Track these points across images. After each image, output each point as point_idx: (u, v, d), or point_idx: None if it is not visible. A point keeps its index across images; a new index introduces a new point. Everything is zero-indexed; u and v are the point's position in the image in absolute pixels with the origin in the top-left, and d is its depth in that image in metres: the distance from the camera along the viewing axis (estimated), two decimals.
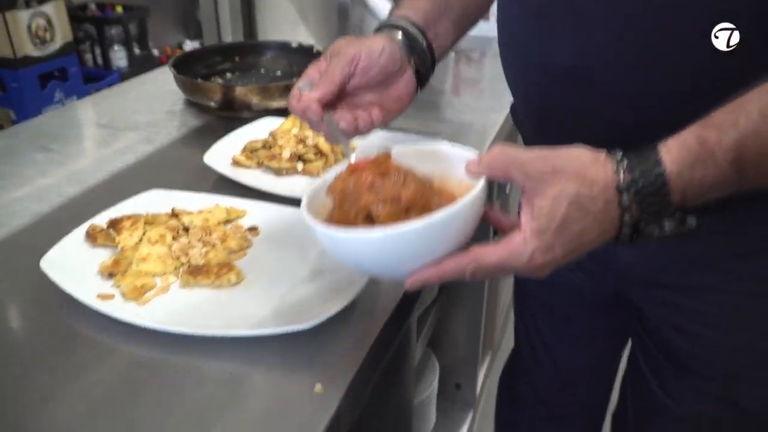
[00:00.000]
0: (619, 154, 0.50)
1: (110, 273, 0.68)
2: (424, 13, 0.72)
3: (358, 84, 0.67)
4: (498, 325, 1.74)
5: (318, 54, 1.27)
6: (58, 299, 0.65)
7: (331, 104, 0.65)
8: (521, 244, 0.49)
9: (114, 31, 2.87)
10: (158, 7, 3.15)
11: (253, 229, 0.76)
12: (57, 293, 0.65)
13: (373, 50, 0.66)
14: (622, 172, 0.49)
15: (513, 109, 0.85)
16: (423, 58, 0.72)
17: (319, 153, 0.92)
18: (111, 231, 0.73)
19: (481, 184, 0.52)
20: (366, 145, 0.93)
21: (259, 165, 0.92)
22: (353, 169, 0.56)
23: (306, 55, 1.28)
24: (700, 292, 0.72)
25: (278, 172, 0.90)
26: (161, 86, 1.28)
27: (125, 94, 1.26)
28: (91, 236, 0.73)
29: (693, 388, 0.79)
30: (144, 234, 0.73)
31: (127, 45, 2.91)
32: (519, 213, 0.51)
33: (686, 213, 0.51)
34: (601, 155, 0.51)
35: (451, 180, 0.58)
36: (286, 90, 1.11)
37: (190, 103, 1.19)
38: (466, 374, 1.52)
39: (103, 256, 0.71)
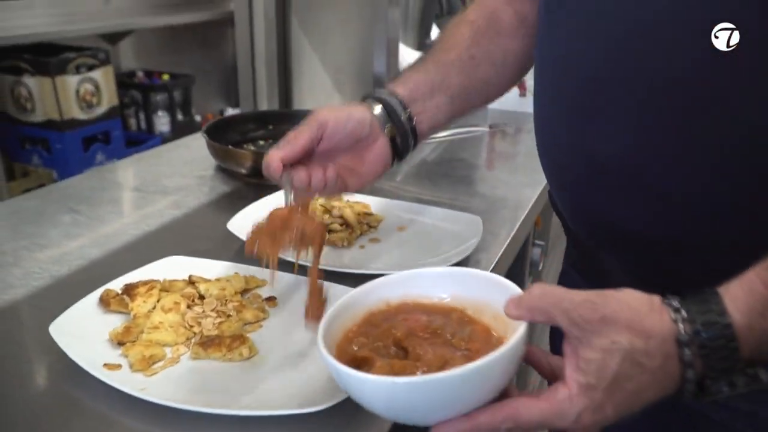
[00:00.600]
0: (676, 301, 0.45)
1: (120, 341, 0.65)
2: (414, 88, 0.76)
3: (327, 147, 0.70)
4: None
5: None
6: (65, 366, 0.62)
7: (295, 163, 0.68)
8: (567, 402, 0.44)
9: (159, 97, 2.97)
10: (203, 75, 3.26)
11: (270, 300, 0.73)
12: (64, 359, 0.62)
13: (341, 117, 0.70)
14: (681, 322, 0.44)
15: (550, 194, 0.83)
16: (401, 129, 0.74)
17: (345, 224, 0.90)
18: (125, 297, 0.71)
19: (522, 329, 0.46)
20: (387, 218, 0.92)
21: None
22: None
23: None
24: None
25: None
26: (195, 151, 1.29)
27: (159, 158, 1.27)
28: (104, 301, 0.71)
29: None
30: (158, 301, 0.70)
31: (171, 111, 3.00)
32: (562, 356, 0.47)
33: (758, 367, 0.45)
34: (656, 301, 0.46)
35: (486, 311, 0.54)
36: None
37: (221, 169, 1.19)
38: None
39: (114, 322, 0.68)
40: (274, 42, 1.43)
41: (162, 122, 3.00)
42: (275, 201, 0.97)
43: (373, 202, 0.98)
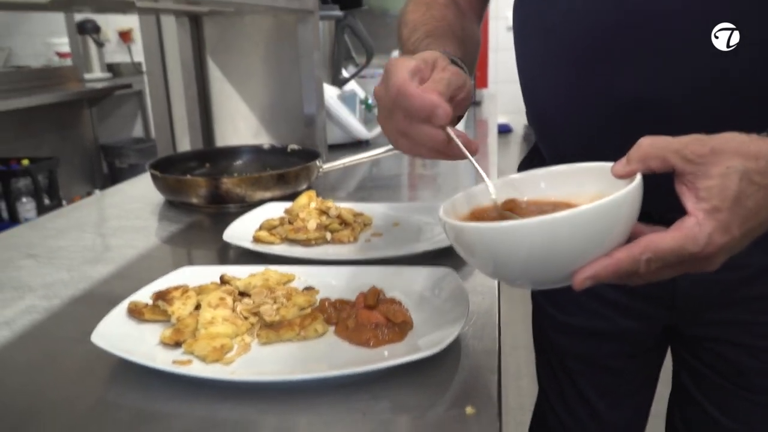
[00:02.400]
0: None
1: (176, 342, 0.60)
2: (453, 52, 0.68)
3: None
4: None
5: (294, 152, 1.27)
6: (116, 376, 0.56)
7: None
8: (696, 227, 0.46)
9: (21, 183, 2.74)
10: (64, 158, 3.06)
11: (309, 289, 0.71)
12: (113, 372, 0.56)
13: (470, 87, 0.61)
14: None
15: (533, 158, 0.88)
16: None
17: (344, 223, 0.89)
18: (160, 303, 0.65)
19: (638, 178, 0.48)
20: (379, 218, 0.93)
21: (282, 240, 0.87)
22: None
23: (281, 155, 1.27)
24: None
25: (306, 243, 0.85)
26: (132, 196, 1.21)
27: (96, 204, 1.17)
28: (136, 311, 0.64)
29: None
30: (197, 303, 0.65)
31: (36, 196, 2.76)
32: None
33: None
34: (753, 135, 0.49)
35: (581, 199, 0.54)
36: (281, 180, 1.09)
37: (171, 205, 1.13)
38: None
39: (155, 330, 0.62)
40: (193, 84, 1.41)
41: (26, 209, 2.76)
42: (258, 218, 0.94)
43: (356, 208, 0.98)
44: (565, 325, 0.92)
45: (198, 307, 0.65)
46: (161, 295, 0.66)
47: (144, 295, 0.68)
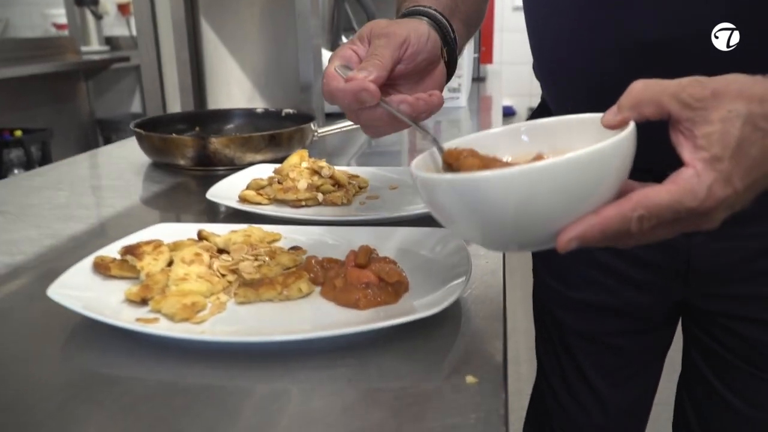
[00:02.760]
0: None
1: (143, 299, 0.53)
2: (443, 7, 0.66)
3: (400, 72, 0.59)
4: None
5: (288, 117, 1.20)
6: (75, 336, 0.50)
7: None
8: (695, 179, 0.40)
9: (13, 154, 2.67)
10: (59, 130, 2.99)
11: (296, 249, 0.64)
12: (73, 329, 0.49)
13: (421, 34, 0.59)
14: None
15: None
16: (453, 54, 0.66)
17: (337, 185, 0.83)
18: (129, 258, 0.58)
19: (630, 126, 0.42)
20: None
21: (271, 201, 0.80)
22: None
23: (275, 120, 1.20)
24: None
25: (296, 204, 0.79)
26: (118, 157, 1.15)
27: (78, 164, 1.11)
28: (102, 267, 0.58)
29: None
30: (172, 260, 0.59)
31: (28, 168, 2.70)
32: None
33: None
34: (757, 76, 0.44)
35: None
36: (273, 141, 1.02)
37: (157, 167, 1.06)
38: None
39: (121, 287, 0.56)
40: (185, 47, 1.34)
41: None
42: (246, 178, 0.87)
43: (351, 171, 0.91)
44: (569, 299, 0.85)
45: (171, 264, 0.59)
46: (130, 250, 0.59)
47: (113, 251, 0.61)
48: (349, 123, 1.14)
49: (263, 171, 0.90)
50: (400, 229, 0.65)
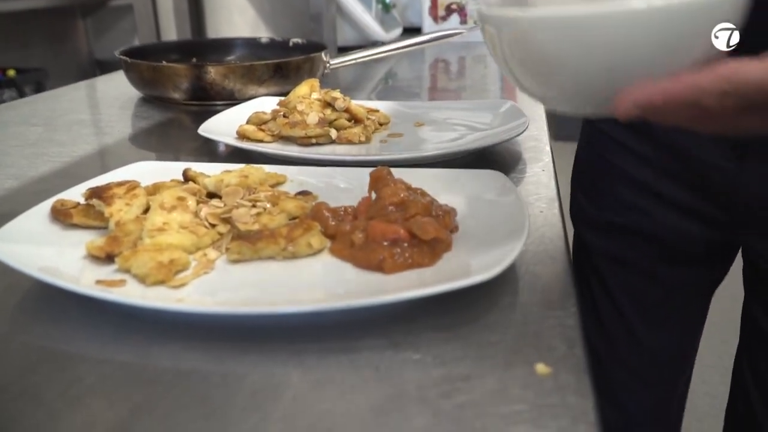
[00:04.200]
0: None
1: (108, 254, 0.42)
2: None
3: None
4: None
5: (296, 47, 1.07)
6: (22, 300, 0.39)
7: None
8: None
9: (6, 95, 2.55)
10: (55, 71, 2.85)
11: (305, 194, 0.52)
12: (20, 288, 0.38)
13: None
14: None
15: None
16: None
17: (353, 119, 0.70)
18: (95, 202, 0.47)
19: None
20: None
21: (275, 138, 0.68)
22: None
23: (281, 51, 1.07)
24: None
25: (305, 141, 0.67)
26: (104, 90, 1.02)
27: (59, 98, 0.98)
28: (61, 213, 0.46)
29: None
30: (149, 205, 0.47)
31: None
32: None
33: None
34: None
35: None
36: (278, 72, 0.89)
37: (146, 101, 0.94)
38: None
39: (84, 239, 0.44)
40: None
41: None
42: (245, 112, 0.75)
43: (370, 105, 0.79)
44: (603, 221, 0.76)
45: (149, 211, 0.47)
46: (97, 192, 0.47)
47: (77, 193, 0.49)
48: (366, 54, 1.01)
49: (266, 104, 0.78)
50: (434, 171, 0.54)
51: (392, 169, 0.49)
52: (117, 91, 1.00)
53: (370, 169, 0.49)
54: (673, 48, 0.33)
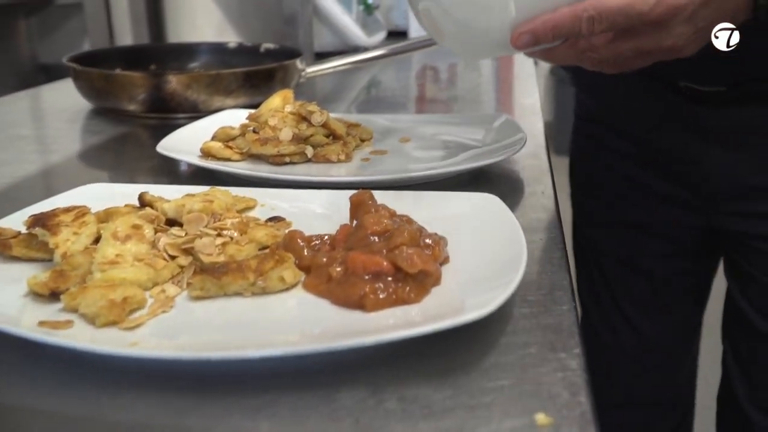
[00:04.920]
0: None
1: (53, 290, 0.42)
2: None
3: None
4: None
5: (268, 53, 1.08)
6: None
7: None
8: None
9: None
10: None
11: (278, 220, 0.52)
12: None
13: None
14: None
15: None
16: None
17: (332, 135, 0.71)
18: (39, 231, 0.47)
19: None
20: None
21: (244, 156, 0.69)
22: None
23: (251, 57, 1.08)
24: None
25: (278, 160, 0.67)
26: (46, 103, 1.03)
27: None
28: (0, 244, 0.46)
29: None
30: (100, 234, 0.47)
31: None
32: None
33: None
34: None
35: None
36: (248, 81, 0.90)
37: (98, 114, 0.94)
38: None
39: (27, 273, 0.44)
40: None
41: None
42: (209, 127, 0.75)
43: (350, 118, 0.80)
44: (602, 217, 0.94)
45: (99, 240, 0.47)
46: (41, 219, 0.47)
47: (17, 221, 0.49)
48: (346, 61, 1.02)
49: (234, 118, 0.78)
50: (423, 195, 0.54)
51: (375, 193, 0.50)
52: (64, 102, 1.00)
53: (350, 193, 0.50)
54: None
